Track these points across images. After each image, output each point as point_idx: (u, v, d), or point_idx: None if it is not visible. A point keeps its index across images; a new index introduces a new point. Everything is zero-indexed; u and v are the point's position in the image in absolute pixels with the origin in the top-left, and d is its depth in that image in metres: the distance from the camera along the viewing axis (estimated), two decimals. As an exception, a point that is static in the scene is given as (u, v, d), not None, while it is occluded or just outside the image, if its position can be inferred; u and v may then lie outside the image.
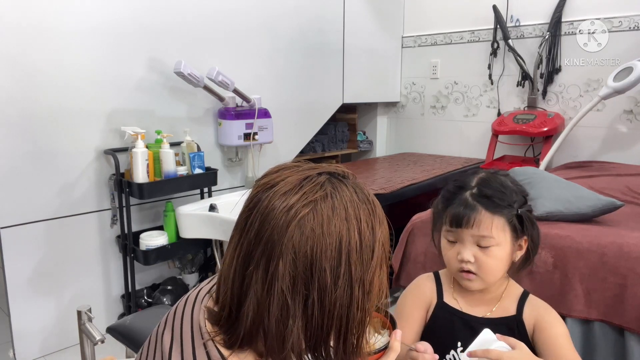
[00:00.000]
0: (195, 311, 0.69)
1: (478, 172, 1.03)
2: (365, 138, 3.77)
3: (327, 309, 0.58)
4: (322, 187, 0.61)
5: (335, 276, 0.58)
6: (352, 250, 0.59)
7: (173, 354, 0.66)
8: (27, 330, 2.01)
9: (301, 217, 0.58)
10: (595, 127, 2.81)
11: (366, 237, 0.61)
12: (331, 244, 0.58)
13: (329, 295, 0.58)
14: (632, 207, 1.84)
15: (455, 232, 0.97)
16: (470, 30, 3.26)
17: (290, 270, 0.58)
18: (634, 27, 2.63)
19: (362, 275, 0.60)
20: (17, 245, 1.94)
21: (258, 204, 0.61)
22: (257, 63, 2.69)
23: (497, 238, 0.94)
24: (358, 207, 0.61)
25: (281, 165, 0.67)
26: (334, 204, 0.60)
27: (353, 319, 0.60)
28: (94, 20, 2.04)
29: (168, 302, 2.24)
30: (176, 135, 2.30)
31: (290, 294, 0.58)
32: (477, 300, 1.02)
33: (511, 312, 1.00)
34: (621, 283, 1.39)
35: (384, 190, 2.32)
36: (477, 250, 0.95)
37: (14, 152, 1.89)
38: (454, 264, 0.98)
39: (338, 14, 3.12)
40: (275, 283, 0.58)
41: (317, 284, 0.58)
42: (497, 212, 0.94)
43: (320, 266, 0.58)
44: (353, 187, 0.63)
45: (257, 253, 0.60)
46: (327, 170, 0.65)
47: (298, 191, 0.60)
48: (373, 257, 0.61)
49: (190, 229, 2.17)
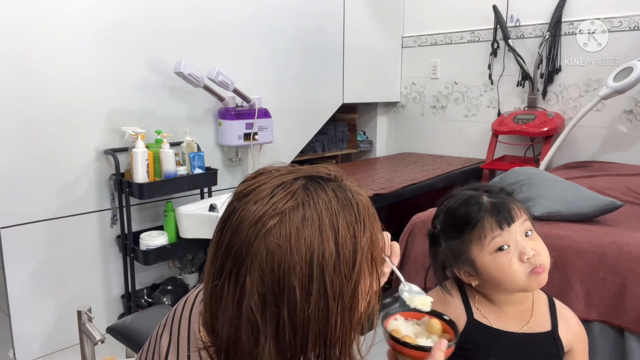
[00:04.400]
0: (193, 315, 0.68)
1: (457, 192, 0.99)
2: (365, 138, 3.76)
3: (300, 327, 0.54)
4: (294, 196, 0.56)
5: (307, 293, 0.53)
6: (326, 263, 0.54)
7: (170, 357, 0.66)
8: (27, 330, 2.01)
9: (267, 231, 0.54)
10: (595, 127, 2.81)
11: (345, 247, 0.55)
12: (300, 260, 0.53)
13: (300, 314, 0.54)
14: (632, 207, 1.84)
15: (505, 235, 0.90)
16: (470, 30, 3.26)
17: (258, 287, 0.54)
18: (634, 27, 2.63)
19: (341, 289, 0.55)
20: (17, 245, 1.94)
21: (232, 215, 0.57)
22: (257, 63, 2.69)
23: (530, 222, 0.93)
24: (336, 213, 0.56)
25: (261, 169, 0.62)
26: (305, 214, 0.55)
27: (331, 336, 0.56)
28: (94, 20, 2.04)
29: (168, 302, 2.24)
30: (176, 135, 2.30)
31: (260, 312, 0.54)
32: (508, 315, 0.98)
33: (546, 327, 0.97)
34: (621, 283, 1.39)
35: (384, 190, 2.32)
36: (528, 241, 0.91)
37: (14, 152, 1.89)
38: (520, 268, 0.90)
39: (338, 14, 3.12)
40: (244, 300, 0.54)
41: (287, 302, 0.53)
42: (517, 201, 0.95)
43: (289, 283, 0.53)
44: (333, 191, 0.57)
45: (227, 268, 0.56)
46: (307, 174, 0.60)
47: (269, 201, 0.56)
48: (354, 267, 0.56)
49: (190, 229, 2.17)
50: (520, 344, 0.95)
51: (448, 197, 1.00)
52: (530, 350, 0.96)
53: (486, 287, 0.97)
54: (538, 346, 0.93)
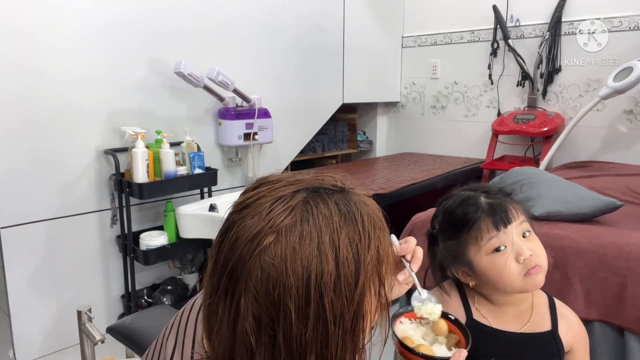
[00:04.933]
0: (199, 321, 0.67)
1: (456, 193, 1.00)
2: (365, 138, 3.77)
3: (298, 352, 0.51)
4: (292, 212, 0.52)
5: (304, 316, 0.50)
6: (325, 285, 0.50)
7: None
8: (27, 330, 2.01)
9: (262, 250, 0.51)
10: (595, 127, 2.81)
11: (347, 266, 0.52)
12: (296, 281, 0.50)
13: (297, 338, 0.51)
14: (632, 207, 1.84)
15: (501, 236, 0.90)
16: (470, 30, 3.26)
17: (252, 308, 0.51)
18: (634, 27, 2.63)
19: (342, 312, 0.52)
20: (17, 245, 1.94)
21: (230, 229, 0.55)
22: (257, 63, 2.69)
23: (529, 223, 0.93)
24: (338, 230, 0.52)
25: (263, 178, 0.59)
26: (303, 231, 0.51)
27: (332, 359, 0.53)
28: (95, 20, 2.04)
29: (168, 302, 2.24)
30: (176, 135, 2.30)
31: (255, 334, 0.51)
32: (508, 315, 0.98)
33: (546, 326, 0.97)
34: (621, 283, 1.39)
35: (384, 190, 2.32)
36: (525, 242, 0.91)
37: (14, 152, 1.89)
38: (516, 269, 0.90)
39: (338, 14, 3.12)
40: (239, 320, 0.52)
41: (282, 325, 0.50)
42: (516, 202, 0.95)
43: (284, 306, 0.50)
44: (336, 205, 0.54)
45: (222, 285, 0.53)
46: (311, 186, 0.56)
47: (266, 216, 0.52)
48: (357, 287, 0.52)
49: (190, 229, 2.17)
50: (520, 344, 0.94)
51: (447, 198, 0.99)
52: (530, 350, 0.95)
53: (483, 288, 0.97)
54: (538, 346, 0.92)
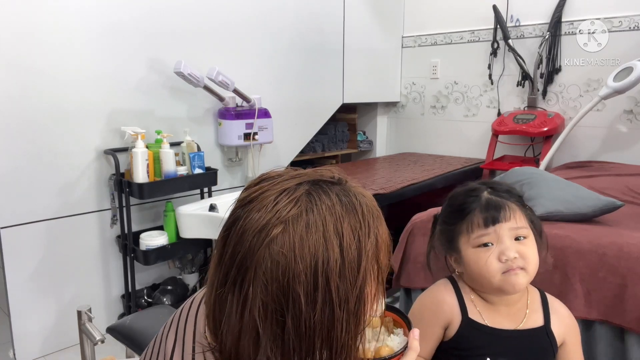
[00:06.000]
0: (199, 315, 0.68)
1: (468, 183, 1.01)
2: (365, 138, 3.76)
3: (306, 335, 0.54)
4: (297, 203, 0.56)
5: (312, 301, 0.53)
6: (331, 270, 0.54)
7: (175, 357, 0.66)
8: (27, 330, 2.01)
9: (271, 240, 0.54)
10: (595, 127, 2.81)
11: (350, 252, 0.55)
12: (305, 268, 0.53)
13: (305, 322, 0.54)
14: (632, 207, 1.84)
15: (491, 233, 0.92)
16: (470, 30, 3.26)
17: (262, 296, 0.54)
18: (634, 27, 2.63)
19: (346, 295, 0.55)
20: (17, 245, 1.94)
21: (235, 223, 0.57)
22: (257, 63, 2.69)
23: (529, 229, 0.94)
24: (340, 219, 0.56)
25: (264, 175, 0.62)
26: (309, 221, 0.54)
27: (337, 342, 0.55)
28: (95, 20, 2.04)
29: (168, 302, 2.24)
30: (176, 135, 2.30)
31: (263, 321, 0.54)
32: (503, 313, 0.99)
33: (539, 322, 0.98)
34: (621, 283, 1.39)
35: (384, 190, 2.32)
36: (516, 244, 0.92)
37: (14, 152, 1.89)
38: (496, 266, 0.92)
39: (338, 14, 3.12)
40: (247, 310, 0.54)
41: (291, 311, 0.53)
42: (520, 205, 0.95)
43: (294, 292, 0.53)
44: (337, 195, 0.57)
45: (231, 277, 0.56)
46: (311, 179, 0.59)
47: (272, 208, 0.55)
48: (360, 272, 0.56)
49: (190, 229, 2.17)
50: (515, 341, 0.95)
51: (463, 185, 1.02)
52: (525, 346, 0.96)
53: (467, 280, 1.00)
54: (532, 342, 0.93)
